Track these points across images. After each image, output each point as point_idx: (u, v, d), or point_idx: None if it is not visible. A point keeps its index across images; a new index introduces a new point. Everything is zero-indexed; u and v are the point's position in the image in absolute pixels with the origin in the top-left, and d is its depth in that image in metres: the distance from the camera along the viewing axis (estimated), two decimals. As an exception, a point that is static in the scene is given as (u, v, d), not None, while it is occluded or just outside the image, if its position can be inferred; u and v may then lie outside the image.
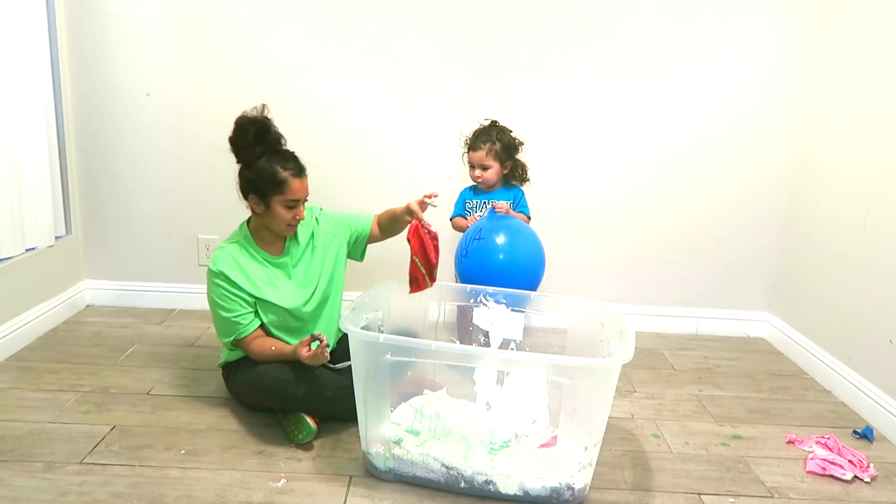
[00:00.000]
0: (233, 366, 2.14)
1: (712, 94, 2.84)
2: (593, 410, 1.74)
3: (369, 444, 1.85)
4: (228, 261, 2.03)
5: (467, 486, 1.79)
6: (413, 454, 1.82)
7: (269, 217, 2.03)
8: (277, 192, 1.98)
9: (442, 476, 1.79)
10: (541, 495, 1.76)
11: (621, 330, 1.89)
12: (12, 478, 1.77)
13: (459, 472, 1.78)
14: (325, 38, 2.80)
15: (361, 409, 1.83)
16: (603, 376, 1.72)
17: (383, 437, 1.85)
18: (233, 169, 2.89)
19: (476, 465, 1.78)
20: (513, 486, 1.77)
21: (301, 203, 2.04)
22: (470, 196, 2.60)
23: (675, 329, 3.06)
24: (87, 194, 2.96)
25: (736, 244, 2.99)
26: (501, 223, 2.37)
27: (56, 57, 2.74)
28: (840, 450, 2.06)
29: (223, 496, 1.74)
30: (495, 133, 2.48)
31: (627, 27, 2.78)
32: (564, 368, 1.74)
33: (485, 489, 1.78)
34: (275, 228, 2.06)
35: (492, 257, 2.29)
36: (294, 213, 2.03)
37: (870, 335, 2.35)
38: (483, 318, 2.14)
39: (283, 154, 2.02)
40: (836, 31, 2.66)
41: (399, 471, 1.82)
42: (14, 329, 2.53)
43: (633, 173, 2.93)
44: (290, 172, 1.99)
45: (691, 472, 1.95)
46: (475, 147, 2.48)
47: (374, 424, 1.85)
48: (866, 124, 2.45)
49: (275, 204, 2.00)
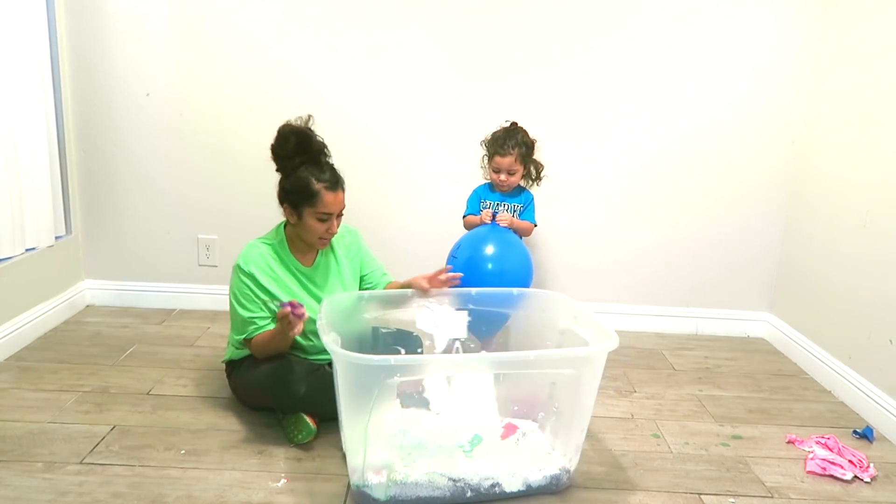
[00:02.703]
0: (236, 364, 2.14)
1: (712, 93, 2.84)
2: (586, 394, 1.80)
3: (365, 476, 1.71)
4: (261, 263, 2.02)
5: (474, 494, 1.75)
6: (418, 474, 1.73)
7: (302, 228, 2.02)
8: (310, 203, 1.96)
9: (448, 490, 1.74)
10: (542, 485, 1.79)
11: (574, 315, 1.94)
12: (12, 478, 1.77)
13: (466, 481, 1.75)
14: (325, 38, 2.80)
15: (358, 439, 1.68)
16: (597, 362, 1.78)
17: (381, 464, 1.72)
18: (233, 169, 2.92)
19: (481, 470, 1.76)
20: (517, 483, 1.78)
21: (335, 217, 2.01)
22: (486, 195, 2.57)
23: (675, 329, 3.06)
24: (87, 194, 2.96)
25: (736, 244, 2.99)
26: (479, 241, 2.37)
27: (56, 57, 2.74)
28: (840, 450, 2.06)
29: (223, 496, 1.74)
30: (520, 136, 2.45)
31: (627, 27, 2.78)
32: (571, 360, 1.77)
33: (491, 493, 1.76)
34: (307, 240, 2.05)
35: (466, 277, 2.25)
36: (327, 227, 2.00)
37: (870, 335, 2.35)
38: (426, 322, 2.10)
39: (320, 165, 1.98)
40: (836, 31, 2.66)
41: (401, 497, 1.72)
42: (14, 329, 2.53)
43: (633, 173, 2.93)
44: (325, 185, 1.96)
45: (691, 472, 1.95)
46: (504, 152, 2.42)
47: (373, 453, 1.69)
48: (866, 124, 2.45)
49: (307, 216, 1.98)
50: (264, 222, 2.91)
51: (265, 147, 2.33)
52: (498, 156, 2.44)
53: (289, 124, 1.97)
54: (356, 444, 1.70)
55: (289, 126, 1.97)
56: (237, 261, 2.03)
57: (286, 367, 2.01)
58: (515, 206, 2.54)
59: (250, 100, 2.86)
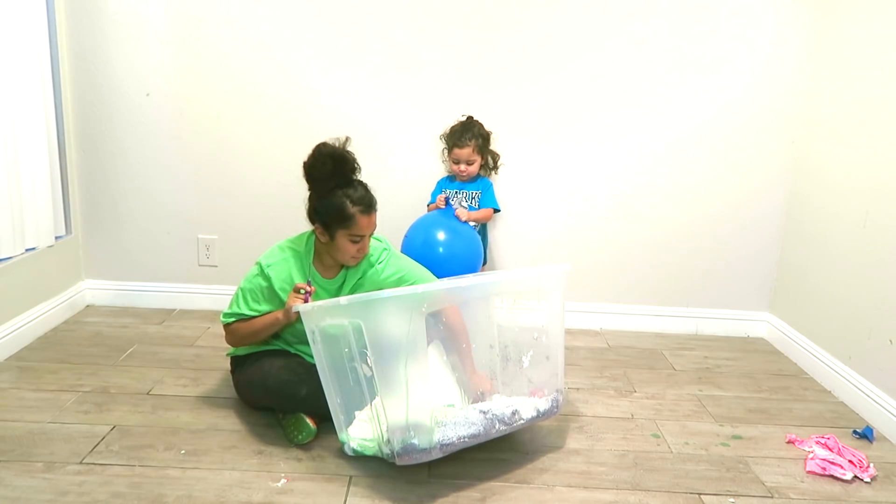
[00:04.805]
0: (241, 360, 2.15)
1: (712, 93, 2.84)
2: (557, 322, 2.05)
3: (411, 429, 1.75)
4: (283, 271, 2.02)
5: (500, 424, 1.87)
6: (456, 412, 1.84)
7: (334, 248, 2.01)
8: (344, 226, 1.95)
9: (482, 425, 1.84)
10: (547, 409, 1.99)
11: (538, 287, 2.09)
12: (12, 478, 1.77)
13: (493, 412, 1.87)
14: (325, 38, 2.80)
15: (398, 394, 1.73)
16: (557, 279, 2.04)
17: (425, 412, 1.76)
18: (233, 169, 2.92)
19: (504, 399, 1.92)
20: (531, 410, 1.95)
21: (367, 238, 2.01)
22: (448, 185, 2.76)
23: (675, 329, 3.06)
24: (87, 194, 2.96)
25: (736, 244, 2.99)
26: (429, 225, 2.57)
27: (56, 57, 2.74)
28: (840, 450, 2.06)
29: (223, 496, 1.74)
30: (476, 128, 2.65)
31: (627, 28, 2.78)
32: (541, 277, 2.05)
33: (513, 420, 1.90)
34: (338, 259, 2.05)
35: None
36: (359, 247, 2.00)
37: (870, 335, 2.35)
38: None
39: (354, 186, 1.96)
40: (836, 31, 2.66)
41: (446, 439, 1.78)
42: (14, 329, 2.53)
43: (633, 174, 2.93)
44: (360, 209, 1.94)
45: (691, 472, 1.95)
46: (462, 144, 2.61)
47: (416, 401, 1.74)
48: (866, 124, 2.45)
49: (340, 237, 1.97)
50: (264, 222, 2.94)
51: (266, 147, 2.37)
52: (457, 147, 2.62)
53: (326, 145, 1.93)
54: (396, 399, 1.75)
55: (327, 147, 1.93)
56: (261, 258, 2.05)
57: (287, 367, 2.01)
58: (474, 194, 2.72)
59: (250, 100, 2.86)
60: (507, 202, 2.87)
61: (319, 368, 1.87)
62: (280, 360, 2.06)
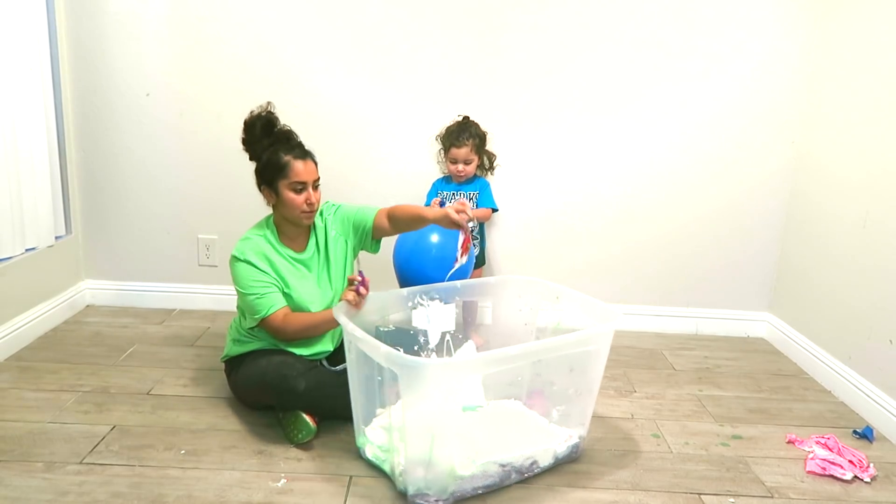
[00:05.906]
0: (236, 362, 2.15)
1: (712, 94, 2.84)
2: (599, 366, 1.99)
3: (427, 481, 1.72)
4: (256, 252, 2.05)
5: (517, 475, 1.85)
6: (474, 468, 1.77)
7: (283, 206, 2.05)
8: (282, 176, 2.01)
9: (498, 477, 1.82)
10: (566, 454, 1.95)
11: (556, 295, 2.14)
12: (12, 478, 1.77)
13: (512, 465, 1.83)
14: (325, 38, 2.80)
15: (422, 447, 1.70)
16: (608, 336, 2.00)
17: (445, 466, 1.73)
18: (233, 169, 2.92)
19: (524, 451, 1.86)
20: (549, 457, 1.91)
21: (310, 186, 2.04)
22: (443, 187, 2.72)
23: (675, 329, 3.06)
24: (87, 194, 2.96)
25: (736, 244, 2.99)
26: (409, 234, 2.49)
27: (56, 57, 2.74)
28: (840, 450, 2.07)
29: (223, 496, 1.74)
30: (473, 128, 2.63)
31: (627, 28, 2.78)
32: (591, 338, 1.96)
33: (530, 470, 1.87)
34: (291, 217, 2.07)
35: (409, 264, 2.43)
36: (305, 197, 2.03)
37: (870, 335, 2.35)
38: (420, 319, 2.15)
39: (288, 141, 2.05)
40: (836, 31, 2.66)
41: (460, 491, 1.76)
42: (14, 329, 2.53)
43: (633, 174, 2.93)
44: (293, 155, 2.02)
45: (691, 472, 1.96)
46: (460, 144, 2.59)
47: (438, 456, 1.71)
48: (866, 124, 2.45)
49: (283, 189, 2.02)
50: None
51: (265, 147, 2.31)
52: (454, 147, 2.60)
53: (251, 114, 2.06)
54: (419, 451, 1.72)
55: (252, 114, 2.05)
56: (233, 252, 2.06)
57: (285, 363, 2.02)
58: (471, 194, 2.69)
59: (250, 99, 2.81)
60: (504, 202, 2.87)
61: (350, 371, 1.89)
62: (277, 356, 2.06)
